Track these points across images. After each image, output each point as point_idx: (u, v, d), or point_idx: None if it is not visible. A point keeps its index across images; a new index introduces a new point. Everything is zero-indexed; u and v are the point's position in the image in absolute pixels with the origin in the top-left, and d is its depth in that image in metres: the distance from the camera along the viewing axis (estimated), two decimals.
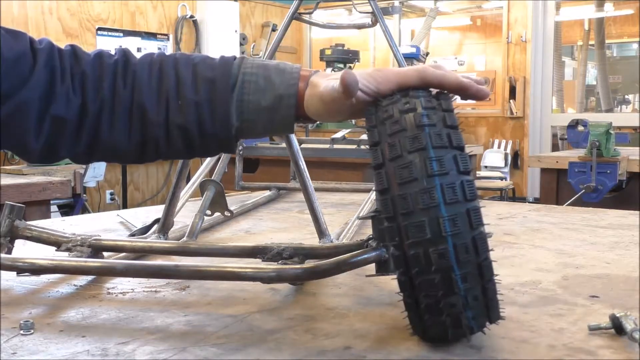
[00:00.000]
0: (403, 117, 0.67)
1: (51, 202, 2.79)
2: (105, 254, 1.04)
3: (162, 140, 0.81)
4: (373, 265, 0.75)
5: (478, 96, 0.74)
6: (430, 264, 0.64)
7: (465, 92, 0.74)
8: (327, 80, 0.77)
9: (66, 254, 0.99)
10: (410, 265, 0.65)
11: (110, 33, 5.67)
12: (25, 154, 0.82)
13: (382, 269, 0.73)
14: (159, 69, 0.81)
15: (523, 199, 6.41)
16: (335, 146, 3.60)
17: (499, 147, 6.89)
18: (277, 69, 0.80)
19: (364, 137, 3.80)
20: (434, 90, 0.72)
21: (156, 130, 0.80)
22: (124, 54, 0.83)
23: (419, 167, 0.64)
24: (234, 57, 0.83)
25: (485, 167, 6.63)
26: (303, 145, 3.10)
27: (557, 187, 3.64)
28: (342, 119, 0.79)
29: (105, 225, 1.53)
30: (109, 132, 0.80)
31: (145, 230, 1.30)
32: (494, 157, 6.69)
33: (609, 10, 7.46)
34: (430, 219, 0.63)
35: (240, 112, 0.80)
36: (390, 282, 0.94)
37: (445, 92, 0.72)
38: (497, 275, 0.68)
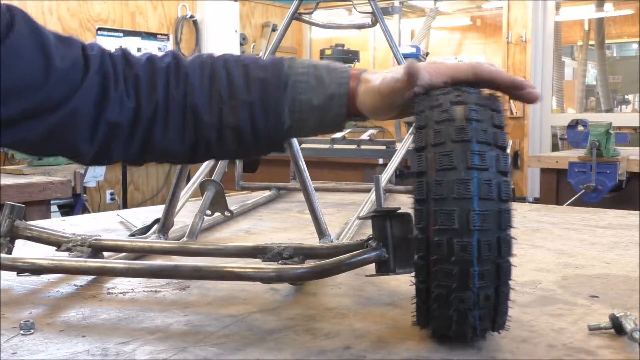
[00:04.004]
0: (453, 107, 0.67)
1: (51, 202, 2.79)
2: (105, 254, 1.04)
3: (215, 141, 0.81)
4: (373, 265, 0.75)
5: (529, 97, 0.74)
6: (452, 254, 0.64)
7: (518, 90, 0.74)
8: (383, 74, 0.78)
9: (66, 254, 0.99)
10: (431, 251, 0.65)
11: (110, 33, 5.66)
12: (77, 158, 0.82)
13: (382, 269, 0.73)
14: (210, 70, 0.82)
15: (523, 199, 6.39)
16: (335, 146, 3.61)
17: None
18: (327, 68, 0.81)
19: (364, 137, 3.80)
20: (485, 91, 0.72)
21: (209, 132, 0.81)
22: (175, 56, 0.83)
23: (460, 157, 0.65)
24: (283, 58, 0.84)
25: None
26: (303, 145, 3.10)
27: (557, 187, 3.64)
28: (394, 114, 0.80)
29: (105, 225, 1.53)
30: (162, 134, 0.81)
31: (145, 230, 1.30)
32: None
33: (609, 10, 7.45)
34: (461, 209, 0.63)
35: (292, 111, 0.80)
36: (390, 282, 0.95)
37: (497, 93, 0.72)
38: (513, 280, 0.67)
